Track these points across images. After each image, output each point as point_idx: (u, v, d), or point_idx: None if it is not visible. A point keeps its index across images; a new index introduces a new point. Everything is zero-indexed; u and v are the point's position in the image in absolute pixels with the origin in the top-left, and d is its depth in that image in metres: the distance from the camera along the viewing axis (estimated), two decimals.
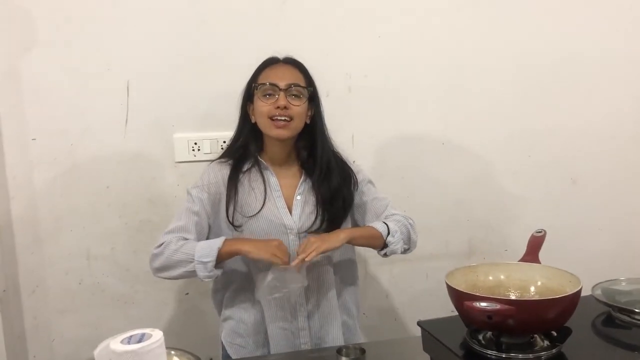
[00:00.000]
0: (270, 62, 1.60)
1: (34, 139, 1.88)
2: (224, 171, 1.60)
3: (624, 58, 2.19)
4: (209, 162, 1.66)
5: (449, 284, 1.27)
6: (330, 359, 1.39)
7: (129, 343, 0.96)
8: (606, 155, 2.23)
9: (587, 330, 1.32)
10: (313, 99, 1.60)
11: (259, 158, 1.61)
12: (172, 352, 1.30)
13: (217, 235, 1.55)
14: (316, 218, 1.57)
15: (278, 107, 1.52)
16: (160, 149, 1.96)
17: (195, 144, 1.97)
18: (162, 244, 1.50)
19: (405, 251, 1.61)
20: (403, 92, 2.07)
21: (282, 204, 1.58)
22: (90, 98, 1.89)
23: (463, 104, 2.11)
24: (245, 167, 1.60)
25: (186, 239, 1.51)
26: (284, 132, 1.54)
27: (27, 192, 1.90)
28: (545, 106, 2.17)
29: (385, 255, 1.57)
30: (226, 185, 1.57)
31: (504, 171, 2.18)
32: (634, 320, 1.32)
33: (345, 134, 2.04)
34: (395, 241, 1.54)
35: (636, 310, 1.32)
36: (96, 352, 0.97)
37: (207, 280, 1.47)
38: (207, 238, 1.57)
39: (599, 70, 2.18)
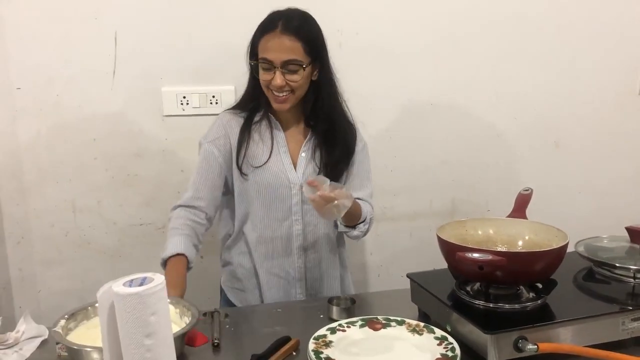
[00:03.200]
0: (268, 28, 1.49)
1: (19, 88, 1.85)
2: (233, 122, 1.60)
3: (610, 23, 2.21)
4: (224, 110, 1.66)
5: (440, 235, 1.31)
6: (322, 308, 1.42)
7: (130, 286, 0.97)
8: (589, 120, 2.27)
9: (570, 284, 1.37)
10: (317, 58, 1.54)
11: (268, 113, 1.61)
12: (168, 300, 1.32)
13: (237, 179, 1.60)
14: (319, 173, 1.59)
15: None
16: (148, 102, 1.94)
17: (184, 97, 1.95)
18: (170, 216, 1.57)
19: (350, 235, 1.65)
20: (393, 50, 2.06)
21: (287, 159, 1.60)
22: (77, 48, 1.86)
23: (452, 65, 2.12)
24: (256, 119, 1.61)
25: (194, 207, 1.56)
26: (285, 105, 1.54)
27: (10, 143, 1.88)
28: (532, 69, 2.18)
29: (340, 229, 1.63)
30: (236, 135, 1.58)
31: (489, 133, 2.20)
32: (614, 275, 1.38)
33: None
34: (364, 229, 1.61)
35: (617, 265, 1.37)
36: (99, 294, 0.98)
37: None
38: (229, 184, 1.62)
39: (584, 35, 2.20)
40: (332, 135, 1.60)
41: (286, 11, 1.53)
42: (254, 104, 1.61)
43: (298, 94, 1.54)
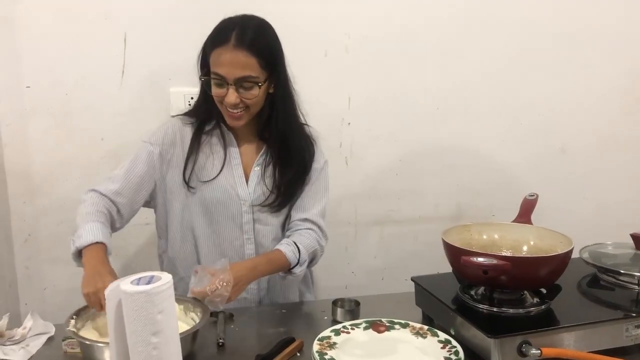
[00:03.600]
0: (220, 41, 1.39)
1: (28, 87, 1.86)
2: (185, 130, 1.53)
3: (617, 30, 2.21)
4: (173, 116, 1.61)
5: (445, 239, 1.31)
6: (326, 310, 1.43)
7: (138, 284, 0.98)
8: (595, 125, 2.27)
9: (574, 290, 1.37)
10: (274, 71, 1.44)
11: (221, 124, 1.52)
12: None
13: (170, 193, 1.52)
14: (271, 193, 1.52)
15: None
16: (156, 102, 1.94)
17: (192, 98, 1.93)
18: (84, 199, 1.45)
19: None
20: (400, 54, 2.07)
21: (239, 173, 1.53)
22: (87, 48, 1.86)
23: (458, 69, 2.12)
24: (207, 128, 1.53)
25: (113, 202, 1.45)
26: (239, 122, 1.45)
27: (20, 141, 1.88)
28: (538, 74, 2.18)
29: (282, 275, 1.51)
30: (184, 144, 1.51)
31: (495, 137, 2.21)
32: (618, 281, 1.38)
33: (342, 94, 2.05)
34: (300, 270, 1.48)
35: (621, 271, 1.37)
36: (106, 292, 0.99)
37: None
38: (155, 195, 1.53)
39: (590, 40, 2.20)
40: (286, 153, 1.51)
41: (240, 20, 1.41)
42: (206, 115, 1.52)
43: (253, 110, 1.44)
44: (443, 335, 1.23)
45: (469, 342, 1.19)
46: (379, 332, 1.28)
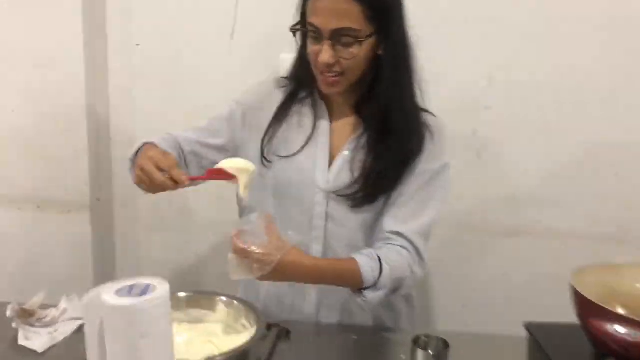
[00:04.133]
0: None
1: (138, 45, 1.80)
2: (276, 94, 1.31)
3: None
4: (274, 77, 1.38)
5: (575, 286, 0.93)
6: (409, 346, 1.11)
7: (129, 294, 0.77)
8: None
9: None
10: (384, 27, 1.15)
11: (315, 93, 1.29)
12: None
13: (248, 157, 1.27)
14: (355, 182, 1.22)
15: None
16: (265, 67, 1.73)
17: None
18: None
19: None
20: (562, 22, 1.63)
21: (323, 154, 1.26)
22: (198, 7, 1.76)
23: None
24: (302, 95, 1.29)
25: (180, 145, 1.30)
26: (335, 89, 1.20)
27: (127, 102, 1.85)
28: None
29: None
30: (270, 110, 1.29)
31: None
32: None
33: (481, 70, 1.68)
34: (373, 297, 1.16)
35: None
36: (85, 300, 0.79)
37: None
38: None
39: None
40: (385, 136, 1.20)
41: None
42: (301, 78, 1.28)
43: (351, 75, 1.17)
44: None
45: None
46: None
